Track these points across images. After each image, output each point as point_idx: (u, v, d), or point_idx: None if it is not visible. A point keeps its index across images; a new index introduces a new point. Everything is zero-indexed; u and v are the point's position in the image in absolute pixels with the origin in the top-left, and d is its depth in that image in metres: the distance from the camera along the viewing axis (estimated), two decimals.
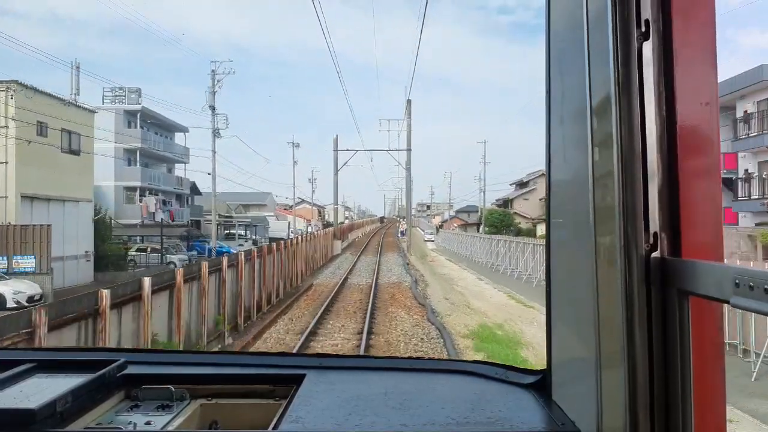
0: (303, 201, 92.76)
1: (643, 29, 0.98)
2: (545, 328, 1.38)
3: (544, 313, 1.38)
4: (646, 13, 0.99)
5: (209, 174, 40.35)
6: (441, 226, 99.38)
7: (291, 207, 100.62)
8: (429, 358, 1.90)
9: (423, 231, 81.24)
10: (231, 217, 59.26)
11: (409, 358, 1.78)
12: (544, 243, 1.37)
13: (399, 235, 77.10)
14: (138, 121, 44.24)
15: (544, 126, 1.32)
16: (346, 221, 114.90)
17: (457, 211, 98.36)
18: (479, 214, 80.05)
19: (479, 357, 12.34)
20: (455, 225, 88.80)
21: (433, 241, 78.20)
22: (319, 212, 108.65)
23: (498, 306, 21.89)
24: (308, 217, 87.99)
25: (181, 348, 13.37)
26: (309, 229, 68.93)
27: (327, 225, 77.46)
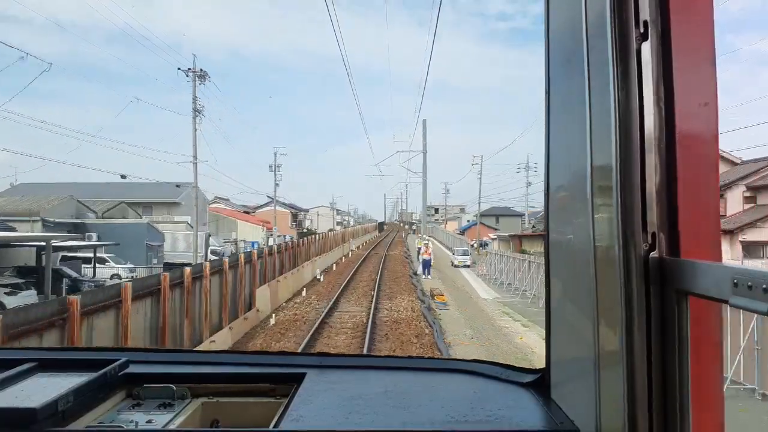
0: (272, 201, 66.16)
1: (642, 30, 0.99)
2: (544, 327, 1.38)
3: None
4: (645, 14, 0.99)
5: None
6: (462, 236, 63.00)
7: (255, 209, 69.32)
8: (429, 357, 1.90)
9: (451, 250, 45.30)
10: (83, 224, 33.45)
11: (409, 357, 1.79)
12: (543, 243, 1.37)
13: (420, 270, 33.04)
14: None
15: (543, 126, 1.32)
16: (338, 227, 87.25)
17: (481, 215, 66.42)
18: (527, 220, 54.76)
19: None
20: (490, 236, 56.68)
21: (469, 265, 39.03)
22: (294, 216, 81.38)
23: None
24: (278, 222, 60.85)
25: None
26: (271, 242, 42.57)
27: (306, 234, 53.70)
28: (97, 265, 28.25)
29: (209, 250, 38.33)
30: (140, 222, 37.43)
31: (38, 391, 1.29)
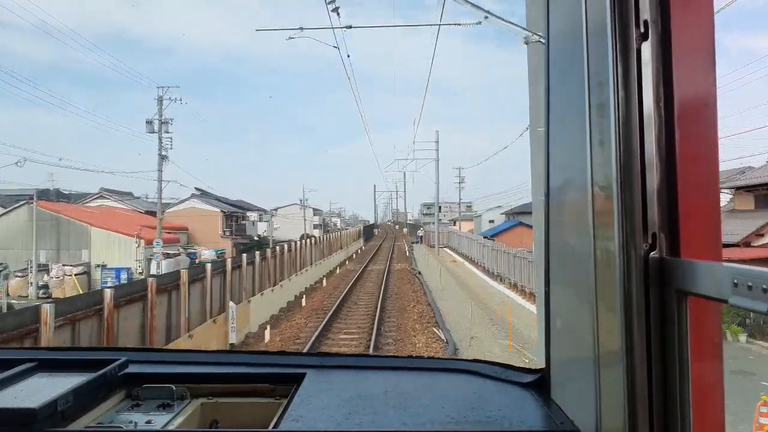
0: (204, 193, 44.06)
1: (642, 30, 0.99)
2: (544, 327, 1.38)
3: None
4: (645, 13, 0.99)
5: None
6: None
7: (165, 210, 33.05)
8: (429, 357, 1.90)
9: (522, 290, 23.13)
10: None
11: (409, 357, 1.79)
12: (543, 243, 1.37)
13: None
14: None
15: (543, 126, 1.33)
16: (317, 233, 56.17)
17: (511, 213, 51.88)
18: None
19: None
20: None
21: None
22: (227, 219, 49.07)
23: None
24: (201, 227, 39.95)
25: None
26: (154, 268, 26.87)
27: (255, 245, 33.90)
28: None
29: None
30: None
31: (38, 391, 1.29)
